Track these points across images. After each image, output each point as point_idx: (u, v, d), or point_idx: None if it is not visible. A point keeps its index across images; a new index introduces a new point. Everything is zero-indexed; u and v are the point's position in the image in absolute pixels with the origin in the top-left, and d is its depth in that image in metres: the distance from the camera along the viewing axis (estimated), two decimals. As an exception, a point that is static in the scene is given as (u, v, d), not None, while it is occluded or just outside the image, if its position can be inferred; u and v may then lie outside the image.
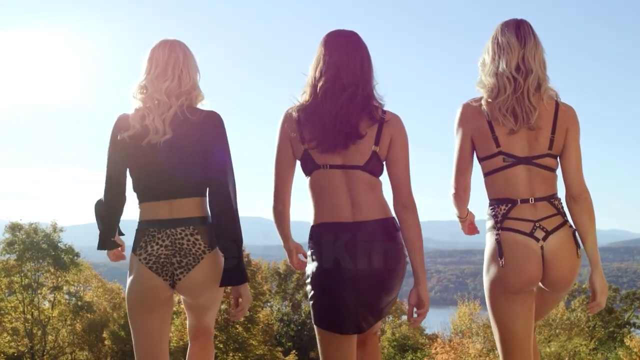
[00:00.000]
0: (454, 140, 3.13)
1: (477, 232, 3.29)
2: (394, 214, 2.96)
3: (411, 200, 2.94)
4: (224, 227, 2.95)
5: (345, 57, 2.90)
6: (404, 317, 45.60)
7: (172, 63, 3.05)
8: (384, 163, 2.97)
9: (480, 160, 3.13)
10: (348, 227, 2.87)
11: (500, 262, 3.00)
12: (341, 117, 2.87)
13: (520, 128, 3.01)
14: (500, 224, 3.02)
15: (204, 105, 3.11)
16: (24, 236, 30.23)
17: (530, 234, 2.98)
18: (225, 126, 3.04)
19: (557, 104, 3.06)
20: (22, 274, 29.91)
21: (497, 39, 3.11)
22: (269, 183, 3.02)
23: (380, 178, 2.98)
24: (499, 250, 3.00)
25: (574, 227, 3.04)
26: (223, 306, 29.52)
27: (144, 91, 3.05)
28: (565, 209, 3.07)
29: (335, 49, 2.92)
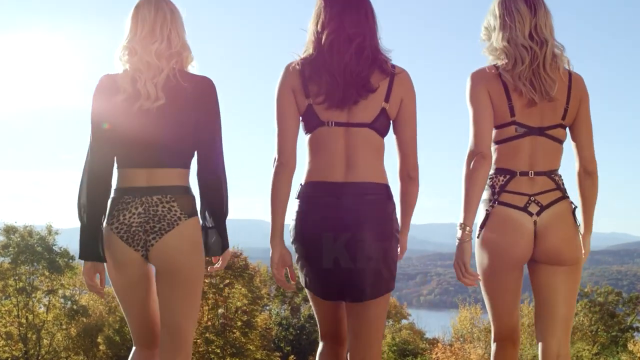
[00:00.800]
0: (468, 107, 3.00)
1: (478, 279, 3.02)
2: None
3: (417, 169, 2.88)
4: (210, 197, 2.89)
5: (349, 7, 2.78)
6: (404, 322, 45.39)
7: (160, 22, 2.91)
8: (391, 123, 2.85)
9: None
10: (339, 187, 2.75)
11: (479, 234, 3.00)
12: (352, 69, 2.74)
13: (542, 101, 2.97)
14: (496, 196, 3.00)
15: (193, 67, 2.99)
16: (18, 239, 30.02)
17: (524, 209, 2.96)
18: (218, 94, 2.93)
19: (570, 74, 3.06)
20: (17, 277, 29.67)
21: (505, 4, 3.06)
22: (268, 185, 2.84)
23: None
24: (481, 223, 3.01)
25: (573, 203, 3.04)
26: (220, 310, 29.30)
27: (133, 53, 2.89)
28: (566, 185, 3.07)
29: (336, 1, 2.80)
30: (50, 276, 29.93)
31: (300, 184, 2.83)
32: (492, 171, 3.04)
